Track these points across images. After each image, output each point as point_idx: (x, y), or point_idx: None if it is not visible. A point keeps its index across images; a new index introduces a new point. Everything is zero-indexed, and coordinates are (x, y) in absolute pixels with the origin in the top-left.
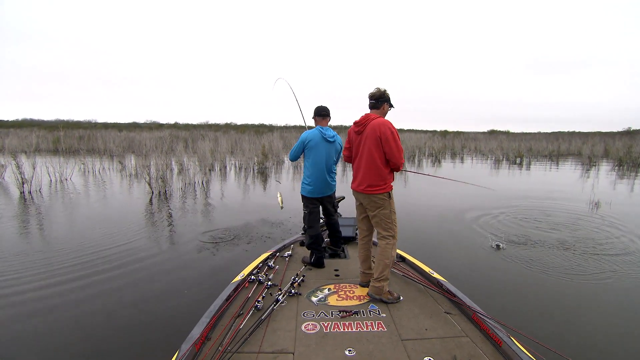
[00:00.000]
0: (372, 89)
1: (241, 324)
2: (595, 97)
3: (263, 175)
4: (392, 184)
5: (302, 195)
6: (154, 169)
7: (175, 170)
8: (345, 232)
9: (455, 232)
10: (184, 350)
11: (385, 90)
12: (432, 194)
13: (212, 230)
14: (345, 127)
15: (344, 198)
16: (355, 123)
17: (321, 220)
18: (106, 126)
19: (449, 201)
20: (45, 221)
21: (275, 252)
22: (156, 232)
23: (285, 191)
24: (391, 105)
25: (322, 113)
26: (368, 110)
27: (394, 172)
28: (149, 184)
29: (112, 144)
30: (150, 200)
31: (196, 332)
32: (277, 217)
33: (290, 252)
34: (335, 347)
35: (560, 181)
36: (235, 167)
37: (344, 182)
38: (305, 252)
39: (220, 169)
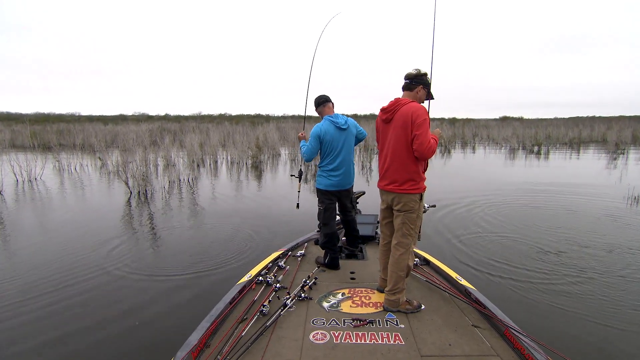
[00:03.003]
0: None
1: (244, 330)
2: (617, 78)
3: (257, 170)
4: (424, 179)
5: (317, 189)
6: (134, 166)
7: (161, 167)
8: (364, 230)
9: (481, 230)
10: (179, 358)
11: (424, 73)
12: (450, 184)
13: (199, 230)
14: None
15: (364, 193)
16: (382, 110)
17: (337, 218)
18: (91, 119)
19: (471, 194)
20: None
21: (287, 251)
22: (134, 237)
23: (286, 187)
24: (429, 95)
25: (321, 101)
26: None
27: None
28: (126, 183)
29: (94, 139)
30: (128, 201)
31: (194, 338)
32: (273, 217)
33: (303, 251)
34: None
35: (586, 172)
36: (227, 161)
37: (361, 176)
38: (319, 252)
39: (210, 164)
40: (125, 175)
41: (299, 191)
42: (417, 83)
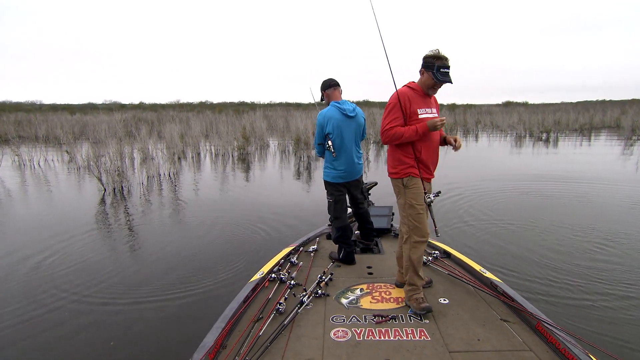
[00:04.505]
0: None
1: (261, 329)
2: (628, 59)
3: (244, 162)
4: (414, 169)
5: (325, 181)
6: (107, 160)
7: (138, 160)
8: (379, 222)
9: (503, 221)
10: None
11: (430, 54)
12: (457, 174)
13: (190, 229)
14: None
15: (376, 184)
16: None
17: (349, 210)
18: (55, 108)
19: (483, 183)
20: None
21: (299, 246)
22: (117, 239)
23: (277, 180)
24: (436, 78)
25: (332, 83)
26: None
27: (418, 154)
28: (99, 179)
29: (60, 130)
30: (102, 199)
31: (210, 339)
32: (271, 213)
33: (315, 246)
34: (370, 358)
35: (601, 159)
36: (211, 153)
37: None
38: (333, 247)
39: (193, 157)
40: (97, 171)
41: None
42: (422, 66)
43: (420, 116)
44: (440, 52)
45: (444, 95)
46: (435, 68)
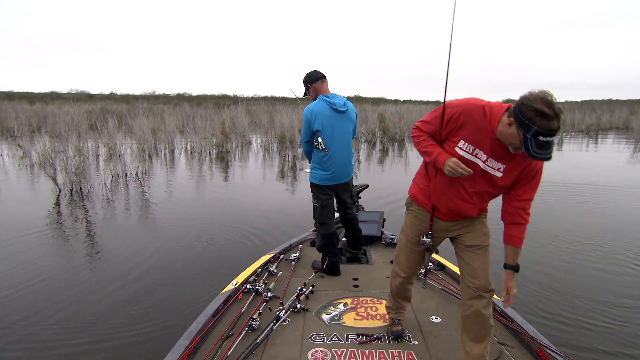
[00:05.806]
0: None
1: (230, 348)
2: (637, 57)
3: (223, 161)
4: (420, 194)
5: (311, 183)
6: (66, 156)
7: (102, 157)
8: (368, 229)
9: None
10: None
11: (534, 104)
12: None
13: (158, 236)
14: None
15: (367, 187)
16: None
17: (336, 215)
18: (11, 96)
19: None
20: None
21: (279, 253)
22: (70, 245)
23: (259, 181)
24: (529, 151)
25: (319, 76)
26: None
27: (429, 171)
28: (54, 179)
29: (15, 121)
30: (57, 202)
31: (171, 358)
32: (251, 216)
33: (297, 254)
34: None
35: (614, 163)
36: (187, 151)
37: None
38: (316, 255)
39: (166, 154)
40: (52, 169)
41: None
42: (513, 116)
43: (456, 149)
44: (552, 103)
45: (442, 92)
46: (532, 132)
